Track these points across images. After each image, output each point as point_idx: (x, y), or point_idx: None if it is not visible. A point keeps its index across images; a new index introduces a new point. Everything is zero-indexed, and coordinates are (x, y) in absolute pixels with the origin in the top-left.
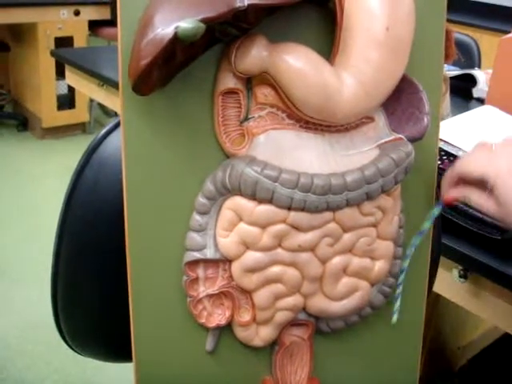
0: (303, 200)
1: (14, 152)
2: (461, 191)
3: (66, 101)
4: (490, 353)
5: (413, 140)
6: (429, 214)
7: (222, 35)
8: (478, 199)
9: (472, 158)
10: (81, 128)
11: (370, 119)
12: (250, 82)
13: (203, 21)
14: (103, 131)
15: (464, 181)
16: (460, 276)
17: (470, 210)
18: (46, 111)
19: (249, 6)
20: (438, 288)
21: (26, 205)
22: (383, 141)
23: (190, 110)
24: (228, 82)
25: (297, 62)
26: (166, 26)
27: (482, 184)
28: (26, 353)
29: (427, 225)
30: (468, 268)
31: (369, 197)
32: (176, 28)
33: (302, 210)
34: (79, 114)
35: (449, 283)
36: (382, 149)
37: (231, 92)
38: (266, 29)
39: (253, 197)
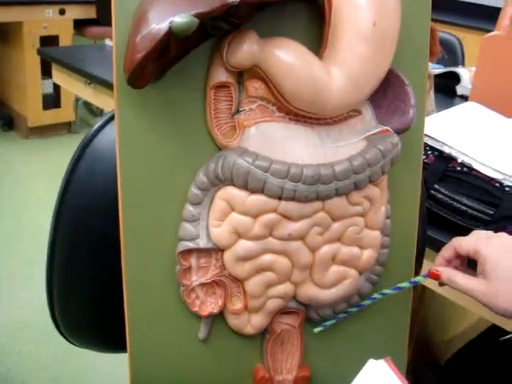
0: (293, 190)
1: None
2: (448, 271)
3: (52, 100)
4: (474, 346)
5: (399, 132)
6: (413, 278)
7: (214, 30)
8: (465, 282)
9: (468, 236)
10: (66, 127)
11: (358, 112)
12: (241, 75)
13: (197, 16)
14: (97, 124)
15: (458, 256)
16: None
17: (455, 204)
18: (32, 111)
19: (241, 1)
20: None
21: (13, 204)
22: (370, 133)
23: (182, 104)
24: (220, 75)
25: (287, 56)
26: (161, 21)
27: (471, 267)
28: (14, 351)
29: (406, 285)
30: None
31: (357, 187)
32: (170, 23)
33: (292, 199)
34: (65, 113)
35: None
36: (370, 140)
37: (223, 86)
38: (256, 24)
39: (245, 187)
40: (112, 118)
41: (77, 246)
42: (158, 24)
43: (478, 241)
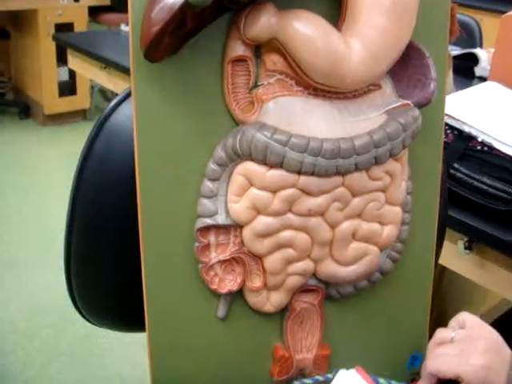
0: (313, 164)
1: (16, 140)
2: None
3: (68, 87)
4: (495, 328)
5: (420, 105)
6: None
7: (231, 3)
8: None
9: (442, 359)
10: (82, 115)
11: (378, 86)
12: (259, 49)
13: None
14: (114, 101)
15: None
16: (465, 248)
17: (475, 183)
18: (48, 98)
19: None
20: (443, 260)
21: (30, 191)
22: (391, 107)
23: (200, 79)
24: (237, 49)
25: (305, 29)
26: None
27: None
28: (33, 336)
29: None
30: (473, 239)
31: (377, 161)
32: None
33: (312, 174)
34: (80, 100)
35: (454, 255)
36: (390, 114)
37: (240, 60)
38: None
39: (263, 161)
40: (129, 94)
41: (94, 222)
42: None
43: (459, 365)
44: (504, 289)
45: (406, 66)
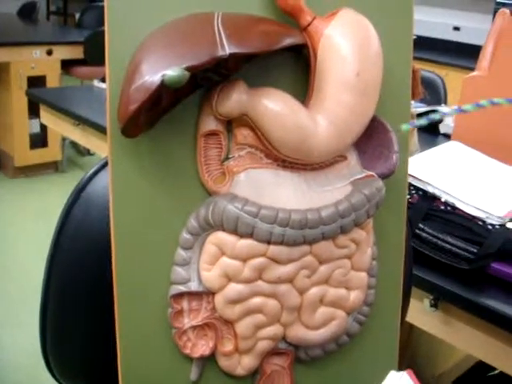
0: (282, 234)
1: None
2: None
3: (39, 139)
4: (463, 381)
5: (383, 176)
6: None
7: (204, 81)
8: None
9: None
10: (53, 167)
11: (343, 158)
12: (230, 124)
13: (188, 69)
14: (91, 171)
15: None
16: (431, 305)
17: (439, 242)
18: (19, 150)
19: (230, 54)
20: (410, 318)
21: (0, 245)
22: (356, 178)
23: (174, 151)
24: (209, 124)
25: (274, 106)
26: (153, 74)
27: None
28: None
29: None
30: (438, 297)
31: (343, 230)
32: (163, 76)
33: (281, 243)
34: (52, 152)
35: (421, 313)
36: (355, 185)
37: (212, 134)
38: (245, 74)
39: (234, 232)
40: (106, 164)
41: (71, 288)
42: (151, 77)
43: None
44: (468, 345)
45: (370, 139)
